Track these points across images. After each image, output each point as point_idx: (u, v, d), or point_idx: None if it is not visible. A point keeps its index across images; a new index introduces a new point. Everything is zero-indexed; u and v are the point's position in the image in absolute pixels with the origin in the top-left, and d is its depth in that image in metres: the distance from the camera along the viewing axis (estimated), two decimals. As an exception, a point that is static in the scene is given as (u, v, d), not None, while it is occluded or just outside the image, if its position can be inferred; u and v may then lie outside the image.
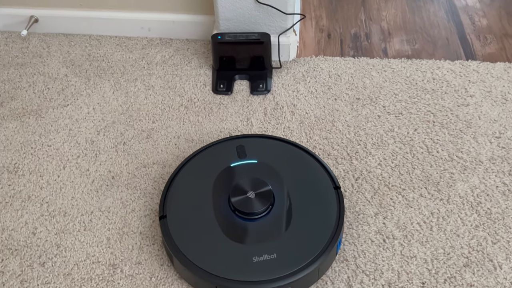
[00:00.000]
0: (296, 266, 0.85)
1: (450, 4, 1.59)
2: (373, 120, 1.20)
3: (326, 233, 0.89)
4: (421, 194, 1.03)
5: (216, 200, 0.95)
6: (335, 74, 1.33)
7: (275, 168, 1.00)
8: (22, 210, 1.03)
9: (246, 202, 0.92)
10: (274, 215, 0.93)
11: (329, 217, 0.92)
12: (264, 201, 0.93)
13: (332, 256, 0.90)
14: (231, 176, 0.99)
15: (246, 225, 0.92)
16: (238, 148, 1.03)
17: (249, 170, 0.99)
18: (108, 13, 1.46)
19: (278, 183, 0.97)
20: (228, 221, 0.92)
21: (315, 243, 0.88)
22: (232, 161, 1.01)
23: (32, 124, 1.22)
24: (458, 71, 1.31)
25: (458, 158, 1.10)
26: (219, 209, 0.94)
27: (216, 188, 0.97)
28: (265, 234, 0.90)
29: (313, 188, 0.97)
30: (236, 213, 0.93)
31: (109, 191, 1.07)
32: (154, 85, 1.32)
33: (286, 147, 1.06)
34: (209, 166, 1.01)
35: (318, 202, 0.95)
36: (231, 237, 0.90)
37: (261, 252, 0.87)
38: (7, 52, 1.45)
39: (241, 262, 0.86)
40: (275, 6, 1.26)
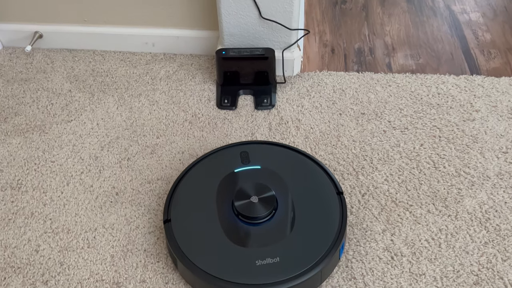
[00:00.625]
0: (298, 270, 0.86)
1: (453, 19, 1.60)
2: (378, 135, 1.19)
3: (329, 238, 0.90)
4: (428, 210, 1.03)
5: (220, 204, 0.96)
6: (340, 89, 1.34)
7: (279, 174, 1.01)
8: (25, 227, 1.03)
9: (250, 206, 0.94)
10: (277, 220, 0.94)
11: (331, 222, 0.93)
12: (267, 206, 0.94)
13: (335, 261, 0.91)
14: (235, 181, 1.01)
15: (249, 229, 0.93)
16: (242, 154, 1.05)
17: (253, 176, 1.01)
18: (112, 28, 1.47)
19: (282, 188, 0.99)
20: (231, 225, 0.93)
21: (317, 248, 0.89)
22: (236, 167, 1.03)
23: (35, 140, 1.22)
24: (463, 85, 1.32)
25: (465, 173, 1.09)
26: (223, 214, 0.95)
27: (220, 193, 0.98)
28: (268, 238, 0.91)
29: (316, 194, 0.99)
30: (239, 217, 0.94)
31: (113, 207, 1.06)
32: (158, 100, 1.32)
33: (289, 154, 1.07)
34: (213, 171, 1.03)
35: (321, 208, 0.96)
36: (235, 241, 0.91)
37: (264, 256, 0.88)
38: (11, 67, 1.46)
39: (244, 265, 0.87)
40: (279, 21, 1.27)
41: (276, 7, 1.24)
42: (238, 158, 1.05)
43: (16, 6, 1.46)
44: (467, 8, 1.64)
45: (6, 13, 1.48)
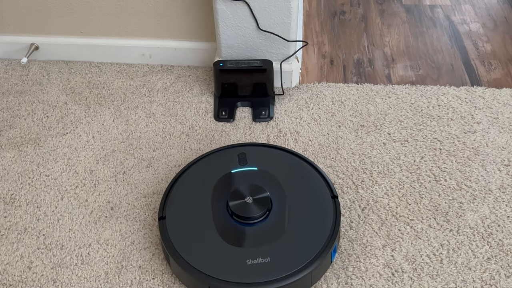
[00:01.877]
0: (288, 270, 0.87)
1: (453, 29, 1.60)
2: (378, 147, 1.19)
3: (321, 240, 0.91)
4: (429, 225, 1.01)
5: (215, 204, 0.98)
6: (339, 100, 1.33)
7: (275, 176, 1.03)
8: (18, 243, 1.02)
9: (244, 206, 0.95)
10: (271, 221, 0.96)
11: (325, 225, 0.94)
12: (261, 207, 0.96)
13: (326, 264, 0.92)
14: (231, 181, 1.02)
15: (242, 229, 0.95)
16: (240, 155, 1.07)
17: (249, 177, 1.03)
18: (109, 40, 1.47)
19: (277, 190, 1.00)
20: (225, 225, 0.95)
21: (309, 250, 0.90)
22: (233, 168, 1.05)
23: (30, 153, 1.21)
24: (464, 97, 1.31)
25: (466, 187, 1.08)
26: (217, 213, 0.97)
27: (216, 193, 1.00)
28: (261, 238, 0.93)
29: (311, 197, 1.00)
30: (233, 217, 0.96)
31: (107, 222, 1.05)
32: (155, 112, 1.32)
33: (286, 156, 1.09)
34: (210, 172, 1.05)
35: (315, 210, 0.97)
36: (227, 240, 0.92)
37: (255, 256, 0.89)
38: (6, 79, 1.45)
39: (235, 264, 0.89)
40: (277, 33, 1.27)
41: (274, 19, 1.25)
42: (236, 159, 1.07)
43: (12, 18, 1.46)
44: (467, 18, 1.65)
45: (2, 24, 1.48)
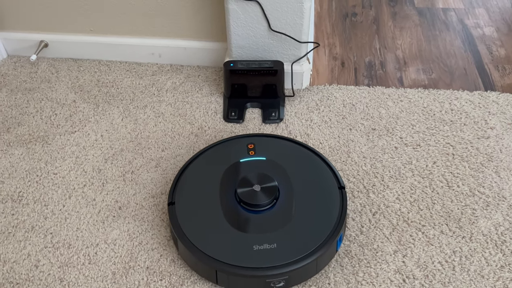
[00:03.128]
0: (294, 257, 0.89)
1: (466, 33, 1.59)
2: (390, 151, 1.18)
3: (327, 229, 0.93)
4: (442, 231, 1.01)
5: (223, 191, 1.01)
6: (350, 103, 1.33)
7: (283, 166, 1.05)
8: (25, 241, 1.02)
9: (252, 194, 0.98)
10: (277, 209, 0.98)
11: (331, 214, 0.96)
12: (268, 195, 0.98)
13: (332, 252, 0.94)
14: (240, 170, 1.05)
15: (249, 216, 0.97)
16: (249, 145, 1.10)
17: (257, 166, 1.05)
18: (118, 38, 1.48)
19: (285, 179, 1.02)
20: (233, 211, 0.98)
21: (315, 237, 0.92)
22: (241, 157, 1.07)
23: (38, 151, 1.22)
24: (477, 102, 1.30)
25: (480, 193, 1.08)
26: (225, 200, 0.99)
27: (224, 181, 1.03)
28: (268, 225, 0.95)
29: (318, 187, 1.02)
30: (241, 204, 0.98)
31: (115, 222, 1.05)
32: (164, 112, 1.32)
33: (294, 147, 1.11)
34: (220, 160, 1.08)
35: (322, 200, 1.00)
36: (235, 226, 0.95)
37: (262, 242, 0.91)
38: (15, 76, 1.46)
39: (242, 249, 0.91)
40: (289, 34, 1.27)
41: (286, 20, 1.24)
42: (245, 149, 1.09)
43: (22, 15, 1.47)
44: (480, 22, 1.64)
45: (12, 21, 1.49)
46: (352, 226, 1.02)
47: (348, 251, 0.98)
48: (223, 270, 0.89)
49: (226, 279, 0.90)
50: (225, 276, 0.89)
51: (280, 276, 0.88)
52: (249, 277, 0.88)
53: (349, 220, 1.03)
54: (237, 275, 0.88)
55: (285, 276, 0.88)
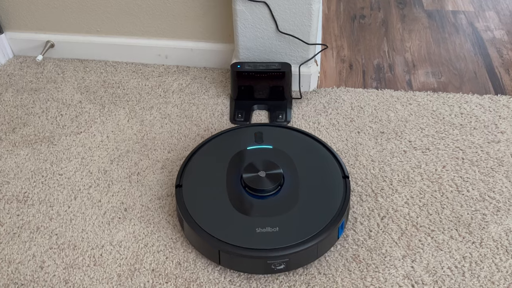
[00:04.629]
0: (295, 240, 0.92)
1: (476, 36, 1.59)
2: (398, 155, 1.18)
3: (329, 215, 0.96)
4: (451, 236, 1.00)
5: (230, 176, 1.05)
6: (358, 106, 1.33)
7: (289, 154, 1.09)
8: (30, 242, 1.02)
9: (257, 180, 1.01)
10: (282, 195, 1.01)
11: (334, 202, 0.99)
12: (273, 181, 1.01)
13: (333, 238, 0.97)
14: (246, 157, 1.08)
15: (254, 201, 1.00)
16: (257, 134, 1.14)
17: (264, 154, 1.09)
18: (125, 39, 1.48)
19: (290, 167, 1.06)
20: (237, 195, 1.01)
21: (316, 223, 0.95)
22: (249, 145, 1.11)
23: (44, 152, 1.22)
24: (487, 105, 1.30)
25: (490, 198, 1.07)
26: (231, 185, 1.03)
27: (231, 166, 1.06)
28: (271, 210, 0.98)
29: (323, 175, 1.05)
30: (246, 189, 1.02)
31: (121, 224, 1.05)
32: (170, 113, 1.32)
33: (301, 137, 1.15)
34: (227, 147, 1.12)
35: (325, 188, 1.02)
36: (239, 209, 0.98)
37: (264, 225, 0.95)
38: (21, 77, 1.47)
39: (245, 231, 0.94)
40: (297, 36, 1.27)
41: (294, 21, 1.25)
42: (252, 137, 1.13)
43: (29, 15, 1.48)
44: (491, 25, 1.64)
45: (18, 22, 1.50)
46: (360, 230, 1.02)
47: (356, 255, 0.97)
48: (226, 251, 0.92)
49: (228, 259, 0.93)
50: (228, 256, 0.92)
51: (281, 258, 0.91)
52: (251, 257, 0.91)
53: (357, 224, 1.03)
54: (239, 255, 0.91)
55: (285, 258, 0.91)
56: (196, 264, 0.97)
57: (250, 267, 0.94)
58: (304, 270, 0.96)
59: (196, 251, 0.99)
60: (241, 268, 0.95)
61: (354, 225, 1.03)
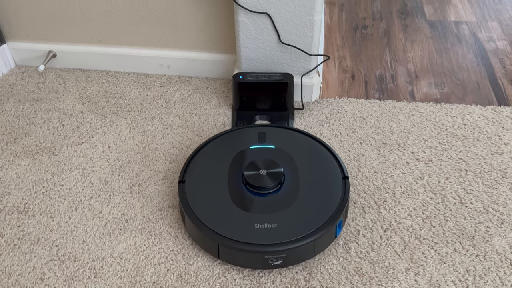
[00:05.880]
0: (293, 237, 0.95)
1: (479, 47, 1.60)
2: (401, 167, 1.18)
3: (327, 214, 0.99)
4: (455, 249, 1.00)
5: (231, 174, 1.08)
6: (360, 116, 1.33)
7: (290, 154, 1.12)
8: (31, 253, 1.03)
9: (258, 178, 1.04)
10: (281, 193, 1.04)
11: (332, 201, 1.02)
12: (274, 180, 1.04)
13: (330, 237, 0.99)
14: (249, 156, 1.12)
15: (254, 198, 1.03)
16: (260, 134, 1.17)
17: (266, 153, 1.12)
18: (127, 49, 1.50)
19: (291, 166, 1.09)
20: (238, 192, 1.04)
21: (314, 221, 0.98)
22: (252, 144, 1.14)
23: (45, 162, 1.23)
24: (491, 117, 1.31)
25: (494, 210, 1.07)
26: (233, 182, 1.06)
27: (233, 164, 1.10)
28: (270, 207, 1.01)
29: (323, 175, 1.08)
30: (247, 186, 1.05)
31: (122, 235, 1.06)
32: (172, 124, 1.33)
33: (304, 138, 1.18)
34: (231, 146, 1.15)
35: (325, 188, 1.05)
36: (239, 205, 1.01)
37: (263, 221, 0.98)
38: (23, 86, 1.48)
39: (244, 226, 0.97)
40: (299, 47, 1.29)
41: (296, 32, 1.26)
42: (256, 137, 1.16)
43: (31, 25, 1.50)
44: (493, 36, 1.65)
45: (20, 32, 1.52)
46: (363, 242, 1.02)
47: (359, 268, 0.97)
48: (225, 244, 0.95)
49: (227, 253, 0.96)
50: (226, 250, 0.95)
51: (278, 254, 0.93)
52: (249, 252, 0.94)
53: (360, 236, 1.03)
54: (237, 249, 0.94)
55: (282, 254, 0.94)
56: (197, 277, 0.97)
57: (248, 262, 0.97)
58: (306, 283, 0.96)
59: (198, 264, 0.99)
60: (239, 263, 0.98)
61: (356, 238, 1.03)
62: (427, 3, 1.86)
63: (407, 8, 1.84)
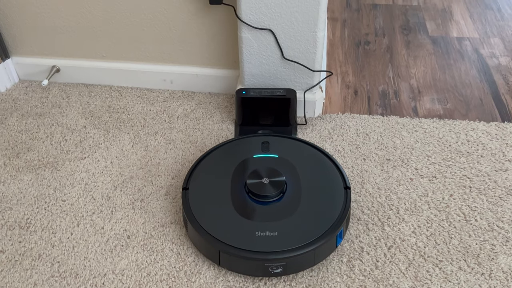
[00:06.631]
0: (293, 245, 0.96)
1: (482, 63, 1.61)
2: (405, 183, 1.18)
3: (328, 223, 1.00)
4: (460, 267, 1.00)
5: (234, 182, 1.10)
6: (363, 132, 1.34)
7: (293, 164, 1.14)
8: (32, 269, 1.02)
9: (260, 186, 1.06)
10: (283, 202, 1.05)
11: (334, 211, 1.03)
12: (276, 188, 1.06)
13: (331, 246, 1.00)
14: (252, 165, 1.14)
15: (256, 206, 1.05)
16: (263, 143, 1.19)
17: (269, 162, 1.14)
18: (130, 64, 1.51)
19: (293, 176, 1.10)
20: (240, 200, 1.06)
21: (315, 230, 0.99)
22: (255, 153, 1.17)
23: (47, 177, 1.23)
24: (494, 133, 1.31)
25: (499, 228, 1.07)
26: (235, 190, 1.08)
27: (236, 173, 1.12)
28: (272, 216, 1.02)
29: (325, 185, 1.10)
30: (249, 194, 1.07)
31: (124, 252, 1.05)
32: (174, 139, 1.34)
33: (306, 148, 1.19)
34: (234, 155, 1.17)
35: (326, 197, 1.06)
36: (241, 213, 1.03)
37: (264, 229, 0.99)
38: (26, 101, 1.49)
39: (245, 234, 0.99)
40: (302, 63, 1.30)
41: (299, 48, 1.27)
42: (259, 147, 1.18)
43: (35, 40, 1.52)
44: (496, 52, 1.66)
45: (25, 47, 1.53)
46: (367, 260, 1.02)
47: (363, 286, 0.97)
48: (226, 251, 0.96)
49: (228, 260, 0.97)
50: (227, 257, 0.97)
51: (278, 262, 0.95)
52: (249, 259, 0.95)
53: (364, 254, 1.03)
54: (238, 256, 0.95)
55: (282, 262, 0.95)
56: (199, 294, 0.97)
57: (248, 269, 0.98)
58: (309, 301, 0.95)
59: (200, 282, 0.99)
60: (240, 270, 0.99)
61: (360, 255, 1.02)
62: (429, 19, 1.88)
63: (410, 24, 1.85)
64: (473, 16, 1.89)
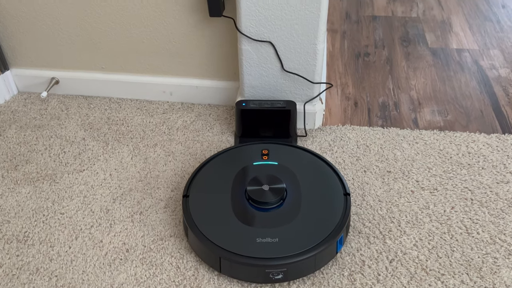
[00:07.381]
0: (294, 251, 0.97)
1: (482, 74, 1.62)
2: (406, 195, 1.18)
3: (328, 230, 1.01)
4: (462, 281, 0.99)
5: (235, 189, 1.11)
6: (364, 144, 1.34)
7: (293, 171, 1.15)
8: (29, 284, 1.02)
9: (260, 193, 1.08)
10: (283, 209, 1.07)
11: (334, 217, 1.04)
12: (276, 195, 1.07)
13: (331, 252, 1.01)
14: (252, 172, 1.15)
15: (256, 213, 1.06)
16: (263, 151, 1.21)
17: (269, 170, 1.16)
18: (129, 76, 1.52)
19: (293, 183, 1.12)
20: (241, 207, 1.07)
21: (315, 236, 1.00)
22: (255, 161, 1.18)
23: (45, 190, 1.23)
24: (495, 145, 1.31)
25: (501, 241, 1.07)
26: (236, 197, 1.09)
27: (237, 180, 1.13)
28: (272, 222, 1.04)
29: (325, 192, 1.11)
30: (249, 201, 1.08)
31: (122, 265, 1.05)
32: (174, 151, 1.34)
33: (306, 155, 1.21)
34: (235, 162, 1.19)
35: (326, 204, 1.08)
36: (241, 220, 1.04)
37: (265, 235, 1.00)
38: (25, 113, 1.50)
39: (245, 240, 1.00)
40: (302, 75, 1.30)
41: (299, 60, 1.28)
42: (259, 154, 1.20)
43: (34, 52, 1.52)
44: (496, 63, 1.67)
45: (24, 58, 1.54)
46: (369, 274, 1.01)
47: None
48: (226, 258, 0.97)
49: (228, 266, 0.98)
50: (228, 263, 0.98)
51: (279, 268, 0.96)
52: (250, 265, 0.96)
53: (365, 267, 1.03)
54: (238, 263, 0.96)
55: (283, 268, 0.96)
56: (199, 309, 0.96)
57: (249, 275, 0.98)
58: (310, 316, 0.95)
59: (200, 295, 0.99)
60: (241, 276, 0.99)
61: (362, 269, 1.02)
62: (429, 31, 1.89)
63: (409, 35, 1.87)
64: (472, 27, 1.90)
